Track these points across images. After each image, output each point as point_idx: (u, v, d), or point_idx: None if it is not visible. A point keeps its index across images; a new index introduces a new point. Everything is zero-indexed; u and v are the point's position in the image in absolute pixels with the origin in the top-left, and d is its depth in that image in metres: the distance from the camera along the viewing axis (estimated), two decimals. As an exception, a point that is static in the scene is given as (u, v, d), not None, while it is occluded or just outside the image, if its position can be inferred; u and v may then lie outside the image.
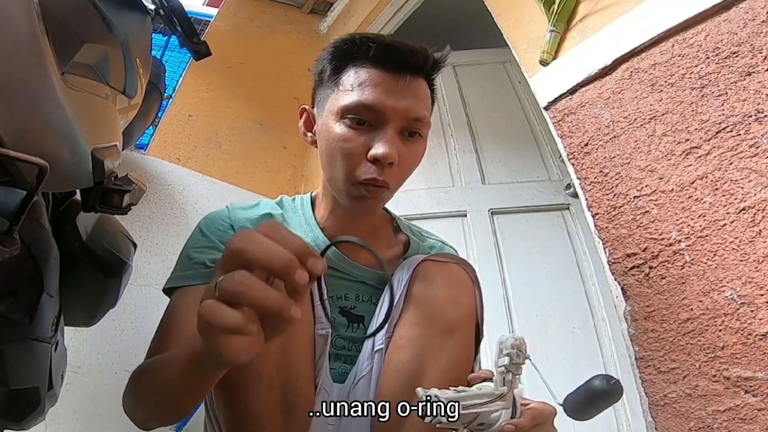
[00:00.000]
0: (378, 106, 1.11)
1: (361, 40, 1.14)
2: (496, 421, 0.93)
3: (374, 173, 1.12)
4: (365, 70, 1.14)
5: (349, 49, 1.16)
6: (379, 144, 1.11)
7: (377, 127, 1.13)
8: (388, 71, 1.14)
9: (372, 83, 1.12)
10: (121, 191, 1.01)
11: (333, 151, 1.16)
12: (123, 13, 1.20)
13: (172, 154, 2.96)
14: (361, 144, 1.12)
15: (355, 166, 1.13)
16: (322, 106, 1.23)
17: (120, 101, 1.10)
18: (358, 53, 1.15)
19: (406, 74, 1.15)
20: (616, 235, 1.53)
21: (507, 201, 2.96)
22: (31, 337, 0.82)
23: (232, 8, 3.87)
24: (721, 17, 1.40)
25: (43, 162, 0.57)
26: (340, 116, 1.14)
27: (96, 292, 1.19)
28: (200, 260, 1.18)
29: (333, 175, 1.19)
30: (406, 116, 1.14)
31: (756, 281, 1.21)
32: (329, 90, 1.20)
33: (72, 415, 2.03)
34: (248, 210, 1.33)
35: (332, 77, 1.19)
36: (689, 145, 1.39)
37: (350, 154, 1.13)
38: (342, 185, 1.17)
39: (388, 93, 1.12)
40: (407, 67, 1.15)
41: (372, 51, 1.12)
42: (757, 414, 1.17)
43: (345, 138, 1.13)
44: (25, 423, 0.90)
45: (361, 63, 1.15)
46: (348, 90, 1.14)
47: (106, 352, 2.20)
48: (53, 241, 0.87)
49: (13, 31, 0.56)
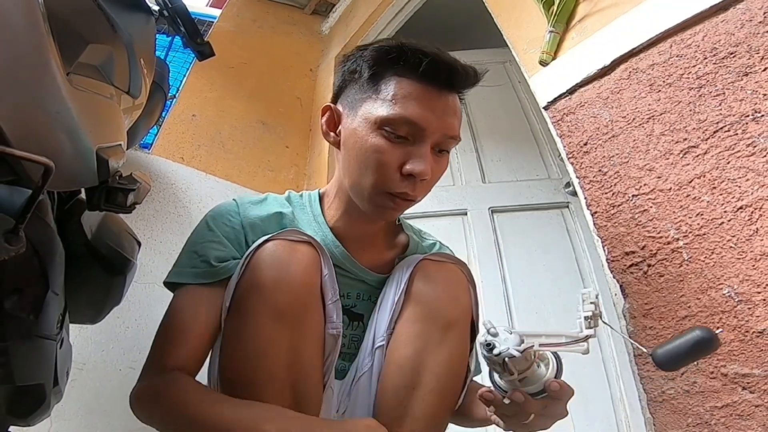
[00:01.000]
0: (421, 122, 1.10)
1: (411, 51, 1.12)
2: (540, 378, 0.95)
3: (407, 188, 1.13)
4: (410, 83, 1.12)
5: (396, 58, 1.14)
6: (417, 161, 1.11)
7: (414, 142, 1.12)
8: (433, 88, 1.13)
9: (417, 98, 1.11)
10: (126, 190, 1.01)
11: (365, 160, 1.14)
12: (127, 14, 1.20)
13: (176, 153, 2.96)
14: (396, 157, 1.12)
15: (386, 178, 1.13)
16: (353, 108, 1.20)
17: (124, 101, 1.10)
18: (405, 64, 1.12)
19: (449, 92, 1.15)
20: (614, 233, 1.53)
21: (507, 199, 2.97)
22: (36, 335, 0.82)
23: (235, 9, 3.87)
24: (719, 18, 1.40)
25: (49, 161, 0.57)
26: (378, 126, 1.12)
27: (101, 289, 1.19)
28: (206, 257, 1.18)
29: (359, 181, 1.18)
30: (444, 134, 1.14)
31: (753, 279, 1.21)
32: (365, 94, 1.17)
33: (77, 411, 2.03)
34: (257, 206, 1.32)
35: (370, 82, 1.17)
36: (687, 144, 1.39)
37: (384, 166, 1.12)
38: (368, 193, 1.17)
39: (432, 110, 1.11)
40: (453, 86, 1.16)
41: (423, 65, 1.10)
42: (754, 410, 1.17)
43: (381, 149, 1.12)
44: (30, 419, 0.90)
45: (406, 74, 1.13)
46: (389, 100, 1.12)
47: (110, 349, 2.20)
48: (58, 240, 0.87)
49: (19, 32, 0.57)
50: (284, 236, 1.13)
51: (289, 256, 1.09)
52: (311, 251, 1.13)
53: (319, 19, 4.37)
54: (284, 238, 1.12)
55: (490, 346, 0.91)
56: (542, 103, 1.86)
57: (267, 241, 1.12)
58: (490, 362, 0.93)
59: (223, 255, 1.19)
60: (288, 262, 1.08)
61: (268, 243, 1.12)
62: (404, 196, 1.14)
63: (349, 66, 1.23)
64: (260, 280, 1.07)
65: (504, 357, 0.89)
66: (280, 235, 1.14)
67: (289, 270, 1.07)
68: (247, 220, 1.26)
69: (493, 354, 0.90)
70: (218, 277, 1.15)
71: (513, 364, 0.91)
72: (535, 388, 0.94)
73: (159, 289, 2.43)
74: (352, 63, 1.23)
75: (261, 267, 1.08)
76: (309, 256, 1.11)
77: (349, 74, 1.23)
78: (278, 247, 1.11)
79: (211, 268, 1.16)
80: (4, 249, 0.57)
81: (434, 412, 1.11)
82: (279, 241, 1.12)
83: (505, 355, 0.89)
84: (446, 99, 1.14)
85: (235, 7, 3.88)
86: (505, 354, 0.89)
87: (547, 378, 0.95)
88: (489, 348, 0.91)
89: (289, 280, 1.07)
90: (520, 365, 0.92)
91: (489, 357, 0.91)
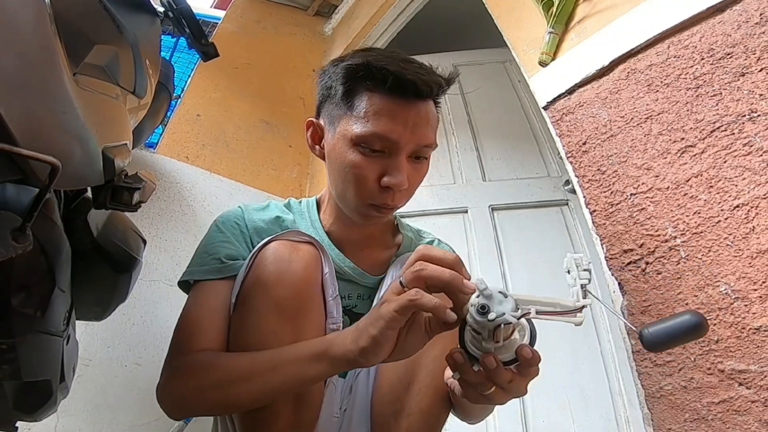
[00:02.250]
0: (392, 137, 1.13)
1: (376, 67, 1.13)
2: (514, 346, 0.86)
3: (386, 199, 1.16)
4: (380, 98, 1.15)
5: (364, 75, 1.16)
6: (394, 173, 1.14)
7: (389, 154, 1.15)
8: (401, 100, 1.14)
9: (387, 113, 1.13)
10: (131, 189, 1.01)
11: (345, 175, 1.18)
12: (133, 15, 1.20)
13: (180, 152, 2.97)
14: (374, 171, 1.15)
15: (367, 190, 1.17)
16: (332, 125, 1.24)
17: (130, 101, 1.10)
18: (373, 80, 1.14)
19: (419, 102, 1.17)
20: (613, 231, 1.53)
21: (507, 197, 2.97)
22: (43, 331, 0.82)
23: (239, 11, 3.88)
24: (716, 19, 1.40)
25: (55, 160, 0.57)
26: (354, 143, 1.15)
27: (107, 287, 1.19)
28: (217, 255, 1.21)
29: (344, 195, 1.22)
30: (418, 143, 1.16)
31: (749, 276, 1.21)
32: (341, 111, 1.20)
33: (83, 406, 2.04)
34: (260, 212, 1.36)
35: (344, 99, 1.19)
36: (684, 143, 1.39)
37: (363, 180, 1.16)
38: (353, 205, 1.21)
39: (403, 123, 1.14)
40: (420, 95, 1.17)
41: (389, 82, 1.12)
42: (751, 406, 1.17)
43: (358, 165, 1.15)
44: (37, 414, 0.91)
45: (376, 89, 1.15)
46: (361, 117, 1.15)
47: (116, 346, 2.21)
48: (65, 238, 0.87)
49: (26, 33, 0.57)
50: (287, 237, 1.16)
51: (290, 254, 1.12)
52: (312, 250, 1.15)
53: (322, 20, 4.37)
54: (287, 239, 1.15)
55: (485, 310, 0.82)
56: (542, 102, 1.86)
57: (270, 241, 1.15)
58: (478, 325, 0.83)
59: (232, 253, 1.22)
60: (290, 260, 1.10)
61: (272, 243, 1.14)
62: (384, 206, 1.17)
63: (326, 82, 1.27)
64: (264, 277, 1.09)
65: (499, 323, 0.81)
66: (282, 235, 1.16)
67: (290, 267, 1.09)
68: (251, 224, 1.31)
69: (487, 319, 0.81)
70: (228, 273, 1.18)
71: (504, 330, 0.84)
72: (508, 356, 0.85)
73: (164, 287, 2.45)
74: (327, 79, 1.26)
75: (265, 264, 1.11)
76: (310, 254, 1.14)
77: (326, 90, 1.26)
78: (281, 246, 1.13)
79: (221, 265, 1.19)
80: (11, 247, 0.57)
81: (429, 408, 1.11)
82: (282, 241, 1.14)
83: (500, 321, 0.81)
84: (417, 109, 1.16)
85: (239, 9, 3.89)
86: (500, 320, 0.81)
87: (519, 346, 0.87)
88: (484, 312, 0.82)
89: (291, 277, 1.08)
90: (507, 332, 0.86)
91: (480, 321, 0.82)
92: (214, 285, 1.17)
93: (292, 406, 1.05)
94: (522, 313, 0.83)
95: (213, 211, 2.83)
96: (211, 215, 2.49)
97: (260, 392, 0.96)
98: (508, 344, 0.86)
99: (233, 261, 1.20)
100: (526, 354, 0.83)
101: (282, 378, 0.94)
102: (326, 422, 1.12)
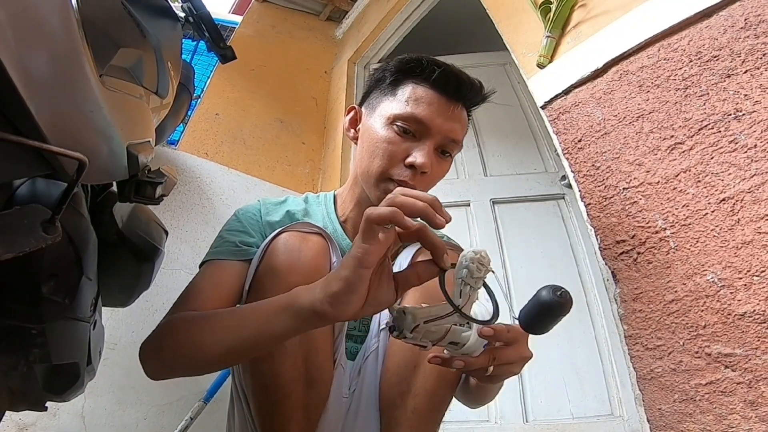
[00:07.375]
0: (427, 121, 1.16)
1: (427, 62, 1.19)
2: (467, 340, 0.86)
3: (407, 177, 1.17)
4: (423, 89, 1.19)
5: (414, 67, 1.21)
6: (419, 153, 1.16)
7: (419, 138, 1.18)
8: (443, 95, 1.19)
9: (427, 101, 1.18)
10: (154, 183, 1.02)
11: (375, 148, 1.20)
12: (156, 20, 1.20)
13: (200, 149, 2.97)
14: (402, 149, 1.18)
15: (391, 166, 1.18)
16: (372, 108, 1.28)
17: (153, 101, 1.10)
18: (422, 73, 1.19)
19: (458, 102, 1.21)
20: (606, 223, 1.52)
21: (507, 191, 2.98)
22: (71, 317, 0.82)
23: (255, 16, 3.89)
24: (703, 24, 1.40)
25: (83, 156, 0.57)
26: (390, 122, 1.19)
27: (131, 275, 1.19)
28: (232, 240, 1.22)
29: (368, 168, 1.22)
30: (447, 136, 1.19)
31: (735, 266, 1.21)
32: (384, 97, 1.25)
33: (109, 387, 2.05)
34: (276, 207, 1.38)
35: (390, 87, 1.24)
36: (674, 141, 1.39)
37: (390, 155, 1.18)
38: (374, 179, 1.21)
39: (439, 113, 1.17)
40: (460, 96, 1.21)
41: (435, 74, 1.18)
42: (736, 387, 1.17)
43: (390, 140, 1.18)
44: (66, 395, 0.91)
45: (421, 82, 1.20)
46: (404, 101, 1.19)
47: (140, 330, 2.21)
48: (92, 229, 0.87)
49: (56, 38, 0.57)
50: (297, 228, 1.17)
51: (300, 244, 1.13)
52: (321, 240, 1.16)
53: (333, 25, 4.37)
54: (297, 230, 1.17)
55: (393, 328, 0.84)
56: (540, 102, 1.86)
57: (281, 232, 1.16)
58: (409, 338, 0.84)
59: (247, 240, 1.23)
60: (299, 249, 1.12)
61: (282, 234, 1.16)
62: (404, 183, 1.16)
63: (376, 75, 1.31)
64: (276, 266, 1.10)
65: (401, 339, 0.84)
66: (293, 227, 1.18)
67: (300, 256, 1.11)
68: (267, 218, 1.32)
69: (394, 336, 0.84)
70: (240, 256, 1.19)
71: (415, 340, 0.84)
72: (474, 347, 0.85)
73: (185, 275, 2.45)
74: (379, 72, 1.31)
75: (276, 254, 1.12)
76: (319, 244, 1.15)
77: (375, 82, 1.31)
78: (291, 237, 1.15)
79: (235, 248, 1.20)
80: (41, 238, 0.57)
81: (434, 389, 1.11)
82: (292, 232, 1.16)
83: (400, 337, 0.84)
84: (453, 107, 1.20)
85: (255, 14, 3.91)
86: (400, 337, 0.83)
87: (471, 342, 0.86)
88: (392, 329, 0.84)
89: (301, 265, 1.10)
90: (432, 336, 0.84)
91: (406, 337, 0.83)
92: (224, 263, 1.18)
93: (302, 386, 1.06)
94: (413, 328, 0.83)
95: (231, 204, 2.84)
96: (230, 208, 2.49)
97: (227, 347, 0.92)
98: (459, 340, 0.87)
99: (247, 247, 1.21)
100: (486, 332, 0.84)
101: (248, 333, 0.90)
102: (336, 402, 1.13)
